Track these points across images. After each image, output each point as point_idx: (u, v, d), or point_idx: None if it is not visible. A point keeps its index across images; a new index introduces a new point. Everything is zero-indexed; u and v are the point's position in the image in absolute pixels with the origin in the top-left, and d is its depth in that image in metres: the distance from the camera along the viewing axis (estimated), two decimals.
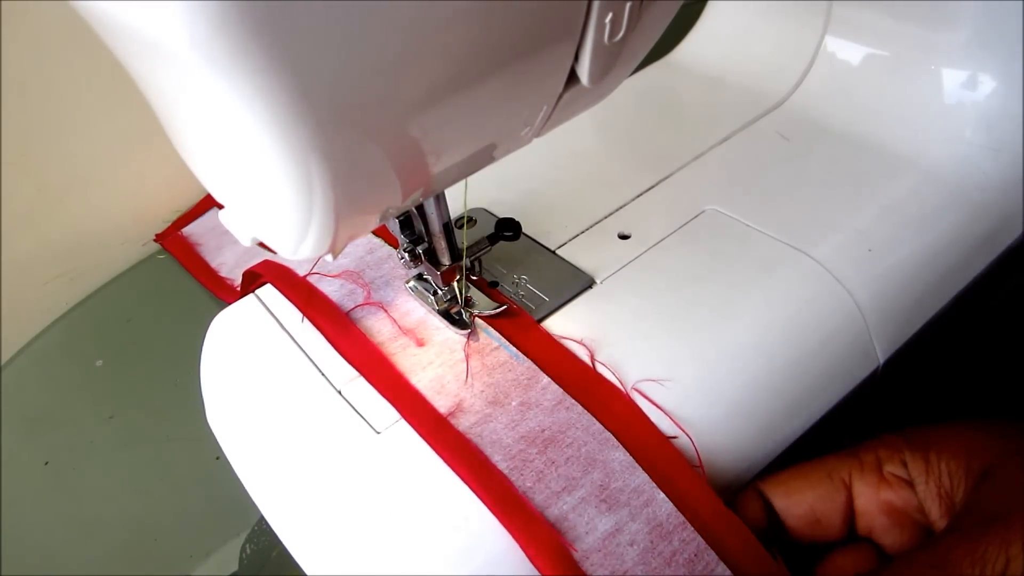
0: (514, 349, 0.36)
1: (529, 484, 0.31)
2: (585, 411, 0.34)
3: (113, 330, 0.63)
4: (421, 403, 0.35)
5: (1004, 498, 0.26)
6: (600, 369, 0.36)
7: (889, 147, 0.48)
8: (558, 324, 0.38)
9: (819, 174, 0.47)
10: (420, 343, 0.38)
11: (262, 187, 0.25)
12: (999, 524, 0.25)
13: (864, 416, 0.41)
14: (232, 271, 0.60)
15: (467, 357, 0.37)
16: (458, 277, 0.38)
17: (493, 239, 0.39)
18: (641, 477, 0.32)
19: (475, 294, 0.39)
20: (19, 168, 0.57)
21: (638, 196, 0.46)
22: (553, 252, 0.42)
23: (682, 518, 0.31)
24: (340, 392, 0.36)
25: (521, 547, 0.30)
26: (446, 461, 0.32)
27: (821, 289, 0.39)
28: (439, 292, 0.38)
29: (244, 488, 0.38)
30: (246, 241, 0.29)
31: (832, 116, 0.51)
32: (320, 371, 0.37)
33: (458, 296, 0.38)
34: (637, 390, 0.35)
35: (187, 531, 0.50)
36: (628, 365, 0.36)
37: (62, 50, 0.56)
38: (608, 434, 0.33)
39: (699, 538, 0.30)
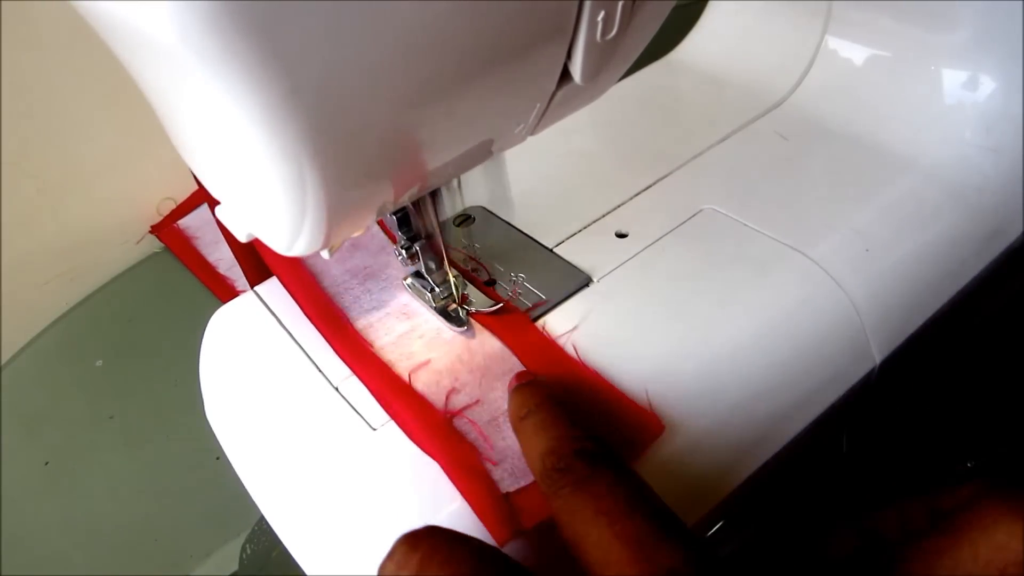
0: None
1: (347, 304, 0.40)
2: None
3: (113, 330, 0.63)
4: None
5: None
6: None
7: (888, 147, 0.48)
8: (554, 322, 0.38)
9: (817, 174, 0.47)
10: None
11: (256, 184, 0.25)
12: None
13: (861, 416, 0.41)
14: (230, 269, 0.60)
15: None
16: (455, 273, 0.38)
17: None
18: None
19: (472, 292, 0.39)
20: (19, 168, 0.58)
21: (636, 195, 0.46)
22: (550, 250, 0.42)
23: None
24: (337, 389, 0.36)
25: (334, 349, 0.37)
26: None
27: (818, 289, 0.39)
28: (436, 289, 0.38)
29: (244, 488, 0.38)
30: (242, 237, 0.30)
31: (831, 116, 0.51)
32: (317, 368, 0.37)
33: (454, 293, 0.38)
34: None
35: (187, 531, 0.50)
36: (624, 363, 0.36)
37: (62, 50, 0.56)
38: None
39: (477, 324, 0.38)
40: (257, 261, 0.43)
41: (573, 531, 0.25)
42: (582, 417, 0.30)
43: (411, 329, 0.38)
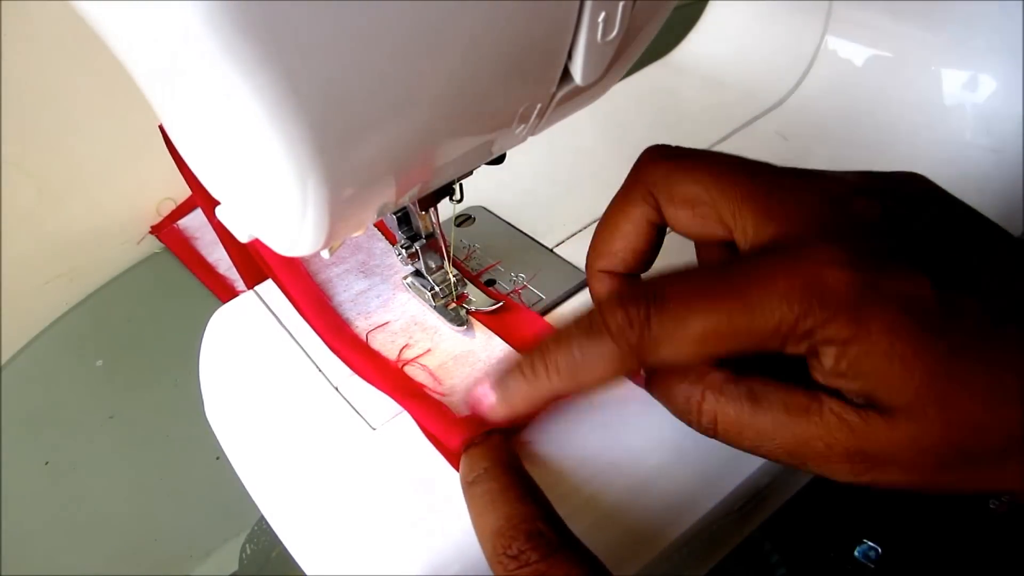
0: None
1: (307, 259, 0.41)
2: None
3: (113, 330, 0.63)
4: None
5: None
6: None
7: (888, 148, 0.48)
8: (554, 322, 0.38)
9: None
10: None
11: (257, 184, 0.25)
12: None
13: None
14: (230, 269, 0.60)
15: None
16: (455, 273, 0.38)
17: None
18: (395, 258, 0.40)
19: (472, 291, 0.39)
20: (19, 168, 0.58)
21: None
22: (551, 250, 0.42)
23: None
24: (337, 389, 0.36)
25: (294, 304, 0.39)
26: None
27: None
28: (436, 289, 0.38)
29: (244, 488, 0.38)
30: (243, 237, 0.30)
31: (831, 116, 0.51)
32: (317, 367, 0.37)
33: (453, 293, 0.38)
34: None
35: (187, 531, 0.50)
36: None
37: (62, 50, 0.56)
38: (375, 230, 0.43)
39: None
40: (253, 262, 0.43)
41: None
42: (535, 488, 0.28)
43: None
